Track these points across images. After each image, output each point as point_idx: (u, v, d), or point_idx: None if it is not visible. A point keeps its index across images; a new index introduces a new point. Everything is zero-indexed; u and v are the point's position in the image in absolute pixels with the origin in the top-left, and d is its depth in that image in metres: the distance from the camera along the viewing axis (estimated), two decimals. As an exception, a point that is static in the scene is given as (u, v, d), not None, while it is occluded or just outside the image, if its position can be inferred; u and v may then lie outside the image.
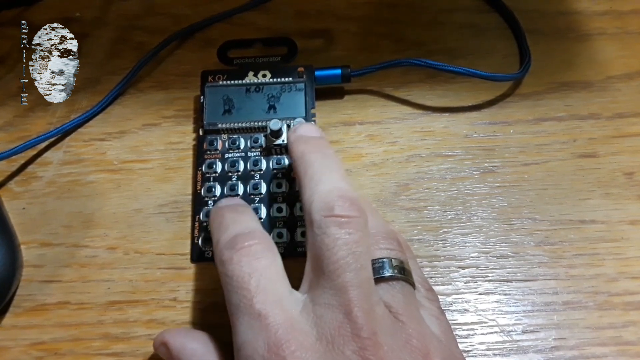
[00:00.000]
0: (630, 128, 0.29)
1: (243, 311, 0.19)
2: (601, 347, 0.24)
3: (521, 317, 0.24)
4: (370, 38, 0.32)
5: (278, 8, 0.33)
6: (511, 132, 0.29)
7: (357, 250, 0.19)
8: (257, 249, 0.20)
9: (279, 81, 0.29)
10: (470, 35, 0.32)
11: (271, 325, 0.18)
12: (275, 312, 0.18)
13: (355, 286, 0.18)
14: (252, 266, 0.20)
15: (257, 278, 0.19)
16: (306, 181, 0.21)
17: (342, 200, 0.20)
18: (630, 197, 0.27)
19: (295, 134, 0.24)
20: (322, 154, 0.22)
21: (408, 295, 0.20)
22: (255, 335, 0.18)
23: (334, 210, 0.19)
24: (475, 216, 0.27)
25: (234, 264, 0.20)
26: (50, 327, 0.25)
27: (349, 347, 0.17)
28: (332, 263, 0.19)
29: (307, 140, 0.23)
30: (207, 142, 0.28)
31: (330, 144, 0.23)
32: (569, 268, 0.25)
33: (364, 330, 0.18)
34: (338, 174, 0.21)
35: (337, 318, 0.18)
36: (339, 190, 0.20)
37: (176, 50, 0.32)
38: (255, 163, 0.27)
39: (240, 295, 0.19)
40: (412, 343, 0.18)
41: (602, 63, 0.31)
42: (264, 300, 0.19)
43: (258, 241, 0.20)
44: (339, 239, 0.19)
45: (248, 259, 0.20)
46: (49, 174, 0.29)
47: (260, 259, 0.20)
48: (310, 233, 0.20)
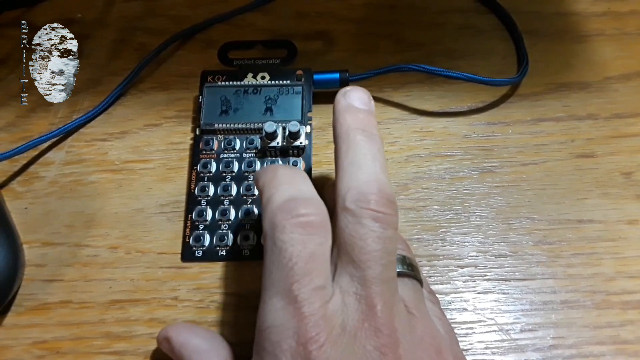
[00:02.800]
0: (628, 128, 0.29)
1: (280, 291, 0.18)
2: (599, 345, 0.24)
3: (519, 315, 0.25)
4: (370, 39, 0.32)
5: (278, 9, 0.34)
6: (510, 132, 0.29)
7: (389, 247, 0.19)
8: (314, 221, 0.19)
9: (276, 84, 0.29)
10: (469, 37, 0.32)
11: (305, 315, 0.17)
12: (312, 301, 0.18)
13: (383, 281, 0.18)
14: (305, 243, 0.18)
15: (306, 259, 0.18)
16: (346, 164, 0.20)
17: (381, 195, 0.19)
18: (628, 196, 0.27)
19: (346, 100, 0.22)
20: (368, 136, 0.21)
21: (418, 292, 0.20)
22: (287, 322, 0.18)
23: (371, 204, 0.19)
24: (474, 216, 0.27)
25: (286, 233, 0.18)
26: (52, 326, 0.25)
27: (370, 343, 0.17)
28: (364, 254, 0.18)
29: (356, 114, 0.21)
30: (203, 142, 0.28)
31: (376, 121, 0.22)
32: (567, 267, 0.26)
33: (385, 327, 0.18)
34: (380, 163, 0.20)
35: (361, 310, 0.18)
36: (378, 183, 0.19)
37: (177, 51, 0.33)
38: (250, 164, 0.27)
39: (283, 272, 0.18)
40: (425, 340, 0.19)
41: (600, 64, 0.31)
42: (307, 285, 0.18)
43: (316, 212, 0.19)
44: (374, 231, 0.19)
45: (303, 232, 0.18)
46: (51, 174, 0.29)
47: (315, 235, 0.19)
48: (343, 218, 0.19)
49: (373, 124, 0.22)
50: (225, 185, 0.27)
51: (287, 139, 0.27)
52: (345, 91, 0.22)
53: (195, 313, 0.25)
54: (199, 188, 0.27)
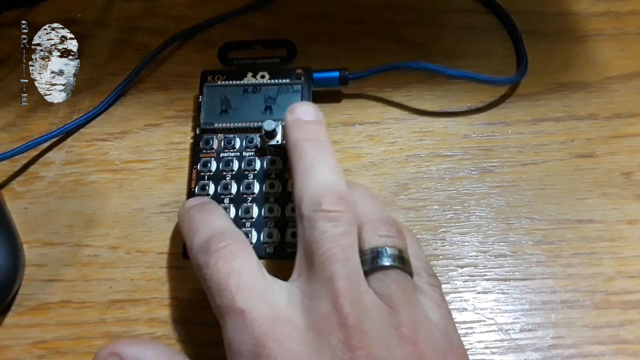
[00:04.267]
0: (628, 128, 0.29)
1: (227, 311, 0.19)
2: (599, 345, 0.24)
3: (519, 315, 0.25)
4: (370, 39, 0.32)
5: (278, 10, 0.34)
6: (509, 132, 0.29)
7: (344, 242, 0.19)
8: (231, 249, 0.20)
9: (276, 82, 0.29)
10: (469, 37, 0.32)
11: (256, 320, 0.18)
12: (258, 307, 0.19)
13: (342, 277, 0.19)
14: (229, 267, 0.20)
15: (236, 278, 0.19)
16: (298, 174, 0.22)
17: (330, 195, 0.20)
18: (628, 196, 0.27)
19: (292, 115, 0.24)
20: (315, 143, 0.22)
21: (403, 283, 0.20)
22: (241, 332, 0.18)
23: (322, 206, 0.20)
24: (473, 216, 0.27)
25: (210, 268, 0.20)
26: (52, 326, 0.25)
27: (335, 336, 0.18)
28: (320, 255, 0.19)
29: (303, 126, 0.23)
30: (203, 141, 0.28)
31: (326, 128, 0.23)
32: (566, 267, 0.26)
33: (349, 319, 0.18)
34: (329, 166, 0.22)
35: (325, 308, 0.18)
36: (327, 184, 0.21)
37: (177, 51, 0.33)
38: (250, 163, 0.27)
39: (222, 297, 0.19)
40: (401, 330, 0.18)
41: (600, 64, 0.31)
42: (246, 297, 0.19)
43: (231, 241, 0.21)
44: (326, 232, 0.19)
45: (224, 260, 0.20)
46: (51, 174, 0.29)
47: (236, 258, 0.20)
48: (300, 227, 0.20)
49: (321, 132, 0.23)
50: (225, 183, 0.27)
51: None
52: (292, 108, 0.24)
53: (195, 313, 0.25)
54: (199, 187, 0.27)
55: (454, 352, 0.20)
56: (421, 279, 0.21)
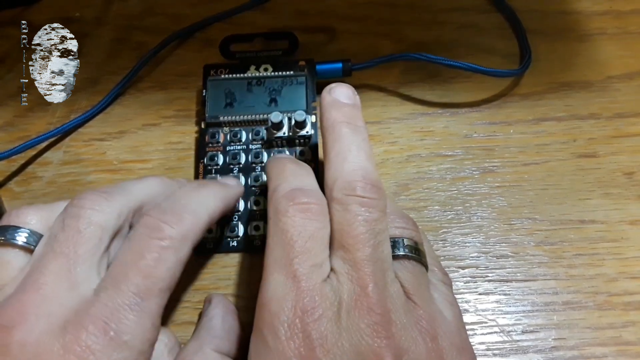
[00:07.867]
0: (630, 128, 0.29)
1: (280, 267, 0.19)
2: (601, 347, 0.24)
3: (521, 317, 0.25)
4: (371, 38, 0.32)
5: (278, 8, 0.33)
6: (511, 132, 0.29)
7: (376, 228, 0.20)
8: (314, 209, 0.20)
9: (280, 75, 0.29)
10: (470, 35, 0.32)
11: (303, 289, 0.18)
12: (310, 277, 0.19)
13: (372, 262, 0.19)
14: (305, 225, 0.20)
15: (306, 238, 0.19)
16: (332, 156, 0.21)
17: (365, 181, 0.20)
18: (630, 197, 0.27)
19: (330, 96, 0.23)
20: (352, 128, 0.22)
21: (419, 275, 0.20)
22: (285, 295, 0.18)
23: (356, 191, 0.20)
24: (475, 216, 0.27)
25: (288, 217, 0.20)
26: (50, 327, 0.25)
27: (364, 321, 0.18)
28: (352, 237, 0.19)
29: (341, 108, 0.23)
30: (209, 135, 0.28)
31: (362, 113, 0.23)
32: (568, 268, 0.25)
33: (377, 306, 0.18)
34: (365, 152, 0.21)
35: (354, 290, 0.19)
36: (363, 170, 0.21)
37: (176, 50, 0.32)
38: (257, 155, 0.27)
39: (283, 250, 0.19)
40: (421, 324, 0.19)
41: (602, 63, 0.31)
42: (305, 262, 0.19)
43: (316, 202, 0.20)
44: (360, 215, 0.20)
45: (303, 216, 0.20)
46: (49, 174, 0.29)
47: (314, 220, 0.20)
48: (332, 209, 0.20)
49: (358, 116, 0.23)
50: (233, 177, 0.27)
51: (293, 128, 0.27)
52: (331, 88, 0.24)
53: (195, 313, 0.25)
54: None
55: (467, 351, 0.20)
56: (435, 275, 0.22)
